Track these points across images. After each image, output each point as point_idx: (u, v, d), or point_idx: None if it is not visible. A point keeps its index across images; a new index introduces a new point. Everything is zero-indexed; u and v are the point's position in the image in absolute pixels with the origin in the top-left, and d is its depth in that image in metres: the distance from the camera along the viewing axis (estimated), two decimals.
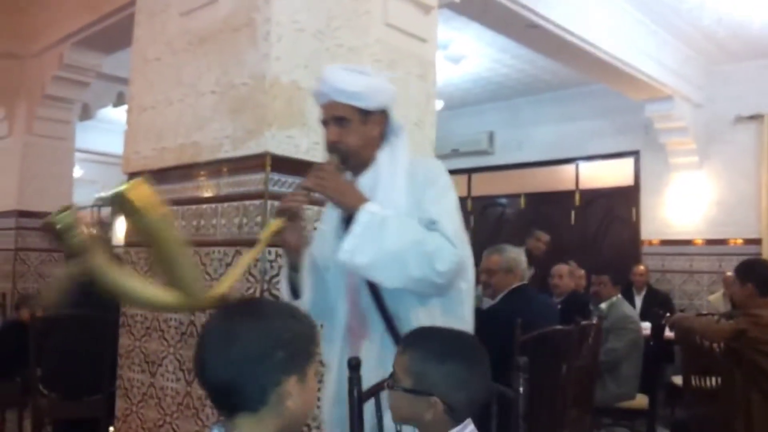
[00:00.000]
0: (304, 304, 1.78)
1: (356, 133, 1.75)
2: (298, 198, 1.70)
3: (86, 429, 3.63)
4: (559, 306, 4.49)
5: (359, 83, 1.75)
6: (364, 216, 1.63)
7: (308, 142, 2.53)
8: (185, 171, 2.70)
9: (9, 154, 5.34)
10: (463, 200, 8.85)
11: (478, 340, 1.43)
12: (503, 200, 8.70)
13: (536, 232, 6.12)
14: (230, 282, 1.57)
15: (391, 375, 1.38)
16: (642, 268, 6.44)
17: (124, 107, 6.82)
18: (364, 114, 1.76)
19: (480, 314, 3.41)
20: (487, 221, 8.75)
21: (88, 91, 5.47)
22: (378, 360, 1.71)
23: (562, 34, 4.74)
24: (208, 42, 2.69)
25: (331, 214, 1.86)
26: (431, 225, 1.66)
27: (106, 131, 8.21)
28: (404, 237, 1.62)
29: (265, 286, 2.39)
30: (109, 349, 3.20)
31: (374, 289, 1.72)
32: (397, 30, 2.95)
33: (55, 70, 5.07)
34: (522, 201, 8.44)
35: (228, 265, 2.49)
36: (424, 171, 1.79)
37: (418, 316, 1.69)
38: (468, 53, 6.42)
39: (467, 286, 1.80)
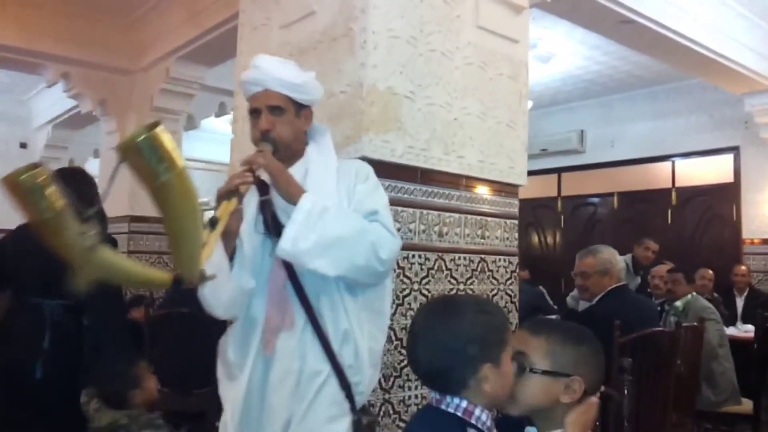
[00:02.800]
0: (249, 289, 1.72)
1: (290, 125, 1.77)
2: (247, 178, 1.61)
3: (196, 420, 3.87)
4: (658, 308, 4.38)
5: (299, 76, 1.80)
6: (306, 203, 1.62)
7: (403, 146, 2.61)
8: None
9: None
10: (552, 200, 8.76)
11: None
12: (595, 200, 8.51)
13: (645, 240, 5.98)
14: (206, 257, 1.41)
15: (520, 363, 1.39)
16: (743, 268, 6.16)
17: (226, 117, 7.22)
18: (298, 107, 1.79)
19: (576, 317, 3.41)
20: (578, 221, 8.59)
21: (193, 103, 5.78)
22: (296, 352, 1.69)
23: (657, 29, 4.62)
24: (307, 53, 2.82)
25: (246, 209, 1.75)
26: (372, 215, 1.71)
27: (209, 140, 8.65)
28: (348, 225, 1.65)
29: (416, 287, 2.55)
30: (217, 345, 3.38)
31: (296, 283, 1.71)
32: (488, 32, 2.98)
33: (162, 83, 5.39)
34: (615, 200, 8.24)
35: None
36: (354, 169, 1.82)
37: (346, 306, 1.70)
38: (557, 52, 6.34)
39: (389, 282, 1.83)
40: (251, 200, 1.78)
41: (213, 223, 1.49)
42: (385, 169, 2.54)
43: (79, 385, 2.38)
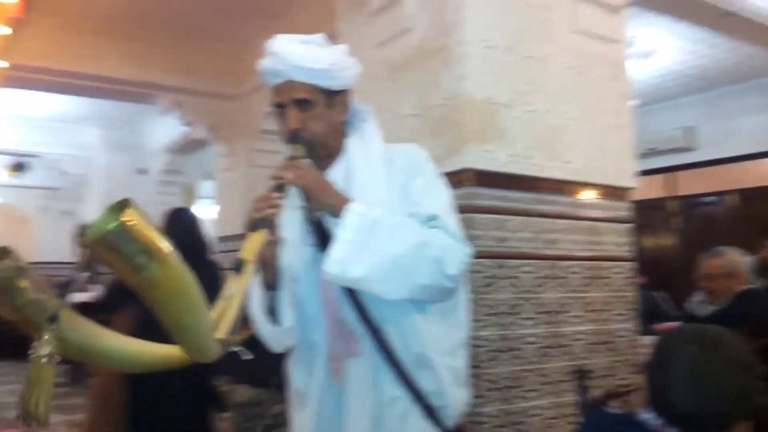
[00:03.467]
0: (288, 328, 1.50)
1: (322, 119, 1.47)
2: (275, 202, 1.36)
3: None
4: None
5: (325, 59, 1.46)
6: (352, 218, 1.36)
7: (506, 155, 2.60)
8: None
9: (233, 185, 6.01)
10: (665, 201, 8.37)
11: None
12: (711, 199, 8.07)
13: None
14: (230, 321, 1.24)
15: None
16: None
17: None
18: (329, 95, 1.48)
19: (704, 322, 3.23)
20: (693, 222, 8.16)
21: None
22: (369, 380, 1.46)
23: (760, 20, 4.35)
24: (403, 69, 2.87)
25: (291, 218, 1.52)
26: (432, 221, 1.42)
27: None
28: (405, 240, 1.36)
29: (529, 296, 2.55)
30: None
31: (356, 300, 1.44)
32: (585, 35, 2.92)
33: (267, 106, 5.58)
34: (733, 198, 7.77)
35: None
36: (405, 157, 1.52)
37: (415, 325, 1.45)
38: (657, 48, 6.10)
39: (464, 289, 1.55)
40: (296, 206, 1.53)
41: (238, 267, 1.27)
42: (489, 179, 2.55)
43: (209, 373, 2.86)
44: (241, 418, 2.70)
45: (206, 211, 7.85)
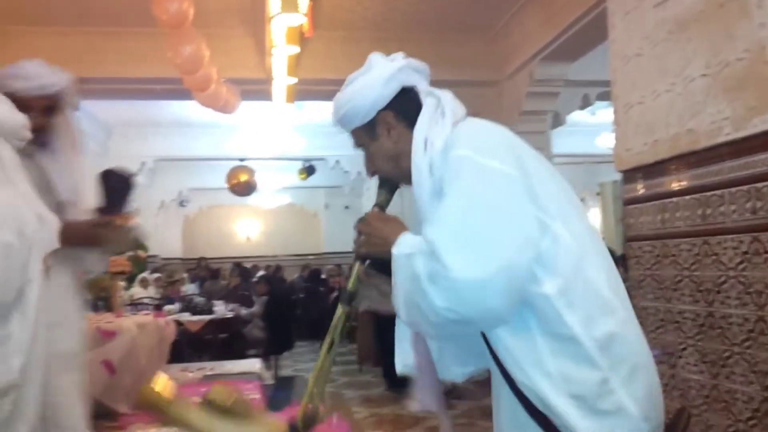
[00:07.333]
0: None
1: (378, 154, 1.46)
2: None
3: None
4: None
5: (340, 104, 1.44)
6: (396, 261, 1.26)
7: None
8: (682, 161, 2.67)
9: None
10: None
11: None
12: None
13: None
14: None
15: None
16: None
17: (589, 108, 7.14)
18: (370, 128, 1.45)
19: None
20: None
21: (557, 100, 5.87)
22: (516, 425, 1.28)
23: None
24: (690, 26, 2.62)
25: None
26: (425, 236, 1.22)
27: (572, 134, 8.67)
28: (407, 272, 1.22)
29: None
30: None
31: (487, 341, 1.30)
32: None
33: (527, 87, 5.59)
34: None
35: (745, 253, 2.36)
36: (441, 158, 1.31)
37: (526, 356, 1.22)
38: None
39: (551, 290, 1.20)
40: None
41: (341, 296, 1.45)
42: None
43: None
44: None
45: None
